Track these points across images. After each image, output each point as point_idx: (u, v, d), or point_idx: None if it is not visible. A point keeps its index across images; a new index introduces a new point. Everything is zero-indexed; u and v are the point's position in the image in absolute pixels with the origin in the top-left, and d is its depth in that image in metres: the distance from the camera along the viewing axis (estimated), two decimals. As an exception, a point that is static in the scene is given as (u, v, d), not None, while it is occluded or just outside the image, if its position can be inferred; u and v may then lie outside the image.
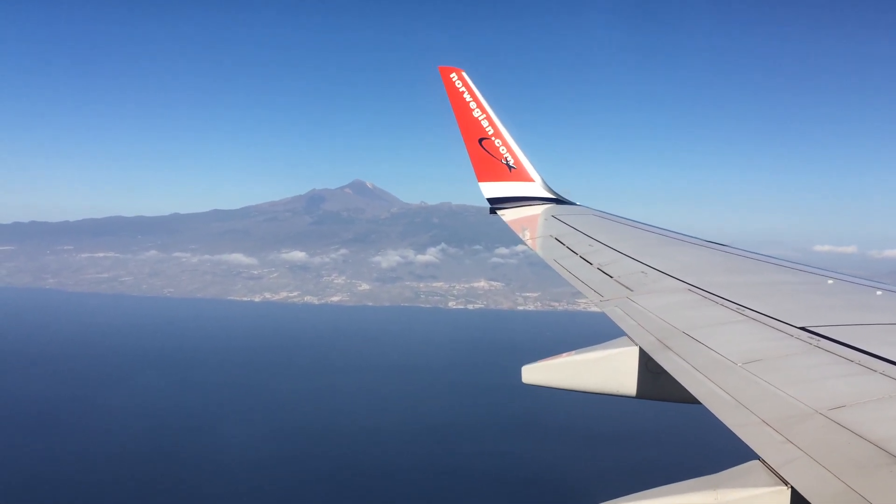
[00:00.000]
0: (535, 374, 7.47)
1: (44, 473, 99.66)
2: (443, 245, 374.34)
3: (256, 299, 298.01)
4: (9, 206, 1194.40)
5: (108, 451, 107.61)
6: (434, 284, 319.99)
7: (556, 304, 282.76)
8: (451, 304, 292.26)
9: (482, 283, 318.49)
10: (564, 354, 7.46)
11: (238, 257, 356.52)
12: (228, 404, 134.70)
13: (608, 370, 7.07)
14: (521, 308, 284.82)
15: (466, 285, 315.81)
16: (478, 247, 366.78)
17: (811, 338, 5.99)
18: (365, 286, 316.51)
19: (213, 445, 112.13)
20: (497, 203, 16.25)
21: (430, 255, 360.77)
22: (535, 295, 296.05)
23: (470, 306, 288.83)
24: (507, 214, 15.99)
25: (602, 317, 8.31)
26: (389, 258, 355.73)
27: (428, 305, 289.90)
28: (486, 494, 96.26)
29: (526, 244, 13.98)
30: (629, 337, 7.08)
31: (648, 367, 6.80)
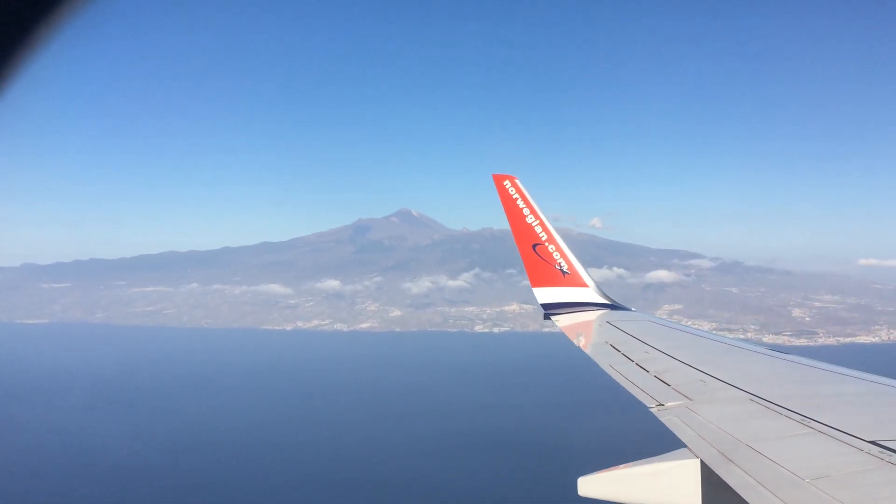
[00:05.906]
0: (591, 486, 7.08)
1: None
2: (476, 270, 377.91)
3: (288, 328, 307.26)
4: (71, 244, 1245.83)
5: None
6: (465, 309, 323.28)
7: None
8: (478, 328, 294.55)
9: (513, 307, 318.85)
10: (622, 466, 7.06)
11: (275, 287, 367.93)
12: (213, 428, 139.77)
13: (668, 483, 6.70)
14: (546, 330, 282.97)
15: (497, 309, 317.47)
16: (511, 271, 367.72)
17: (882, 452, 5.61)
18: (396, 312, 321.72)
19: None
20: (551, 308, 16.10)
21: (462, 281, 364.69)
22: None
23: (496, 329, 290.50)
24: (562, 320, 15.71)
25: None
26: (420, 284, 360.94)
27: (454, 330, 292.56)
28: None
29: (581, 350, 13.45)
30: (689, 449, 6.78)
31: (710, 481, 6.36)
